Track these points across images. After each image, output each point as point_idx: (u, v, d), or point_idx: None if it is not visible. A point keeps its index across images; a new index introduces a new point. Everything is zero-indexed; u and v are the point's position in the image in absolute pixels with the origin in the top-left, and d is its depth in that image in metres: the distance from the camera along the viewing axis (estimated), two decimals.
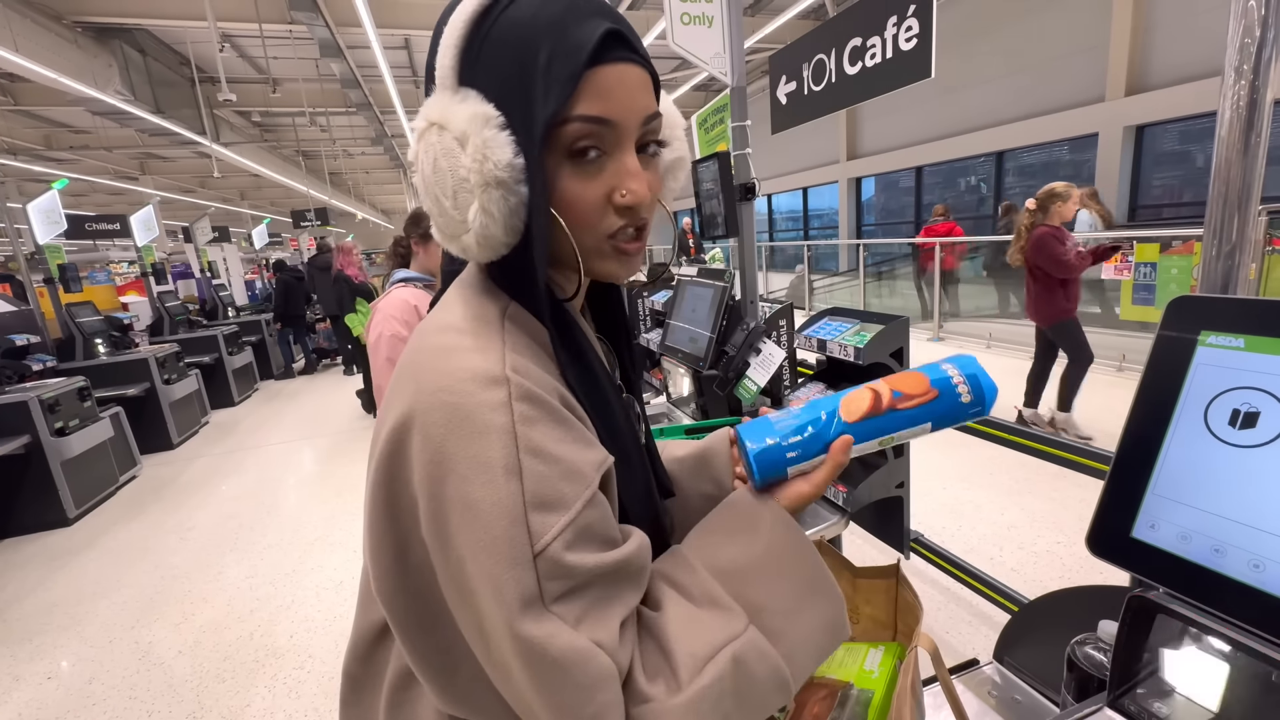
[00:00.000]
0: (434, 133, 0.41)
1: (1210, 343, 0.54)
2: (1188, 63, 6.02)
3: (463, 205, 0.41)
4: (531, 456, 0.38)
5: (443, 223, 0.43)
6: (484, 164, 0.39)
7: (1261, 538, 0.47)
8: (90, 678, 2.18)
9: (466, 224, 0.41)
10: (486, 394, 0.39)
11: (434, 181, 0.42)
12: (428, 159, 0.42)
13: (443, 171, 0.41)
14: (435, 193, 0.42)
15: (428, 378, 0.41)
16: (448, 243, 0.44)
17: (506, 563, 0.37)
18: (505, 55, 0.40)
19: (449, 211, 0.42)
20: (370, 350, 1.72)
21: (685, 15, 1.74)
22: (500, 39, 0.40)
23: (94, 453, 3.76)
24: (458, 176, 0.40)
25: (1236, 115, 0.71)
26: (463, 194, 0.41)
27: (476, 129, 0.39)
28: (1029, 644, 0.91)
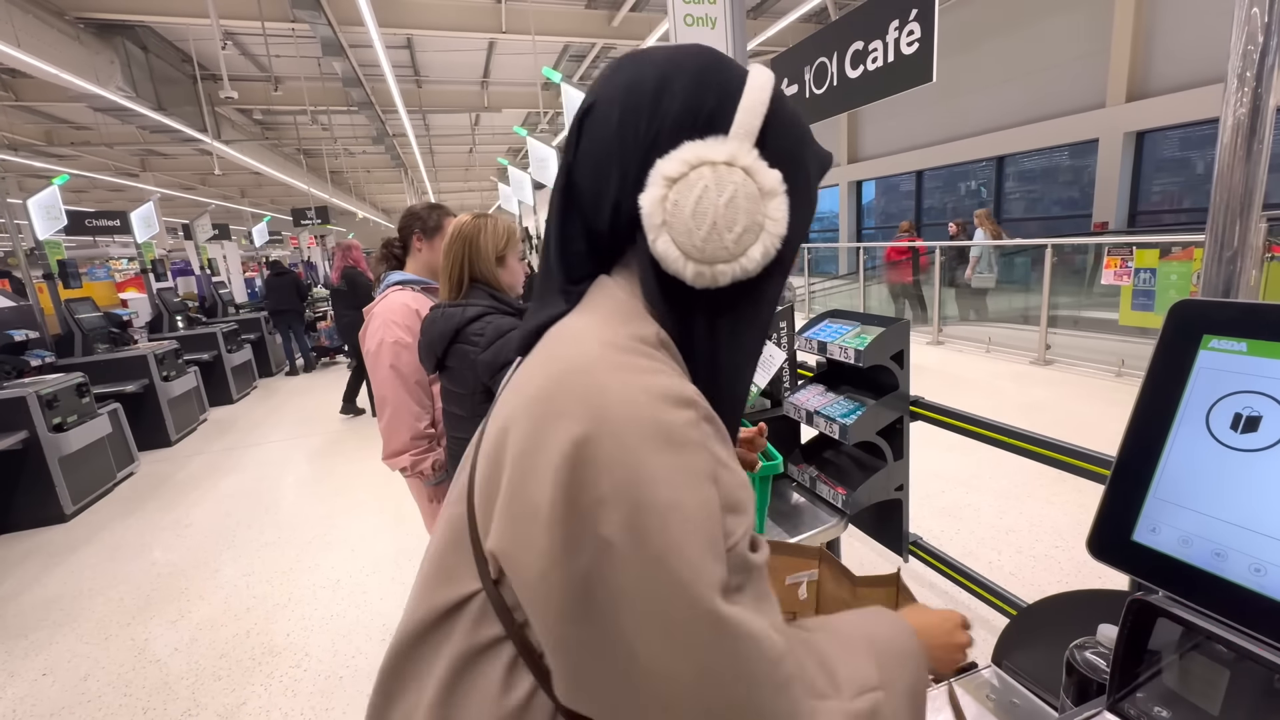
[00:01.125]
0: (739, 174, 0.47)
1: (1212, 347, 0.54)
2: (1188, 69, 6.04)
3: (744, 243, 0.47)
4: (721, 468, 0.44)
5: (704, 247, 0.46)
6: (778, 223, 0.48)
7: (1263, 542, 0.47)
8: (85, 674, 2.17)
9: (734, 256, 0.47)
10: (682, 412, 0.43)
11: (723, 212, 0.46)
12: (723, 190, 0.46)
13: (738, 209, 0.46)
14: (717, 220, 0.46)
15: (615, 394, 0.43)
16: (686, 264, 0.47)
17: (711, 556, 0.41)
18: (789, 139, 0.50)
19: (724, 240, 0.46)
20: (370, 358, 1.62)
21: (689, 17, 1.74)
22: (784, 123, 0.50)
23: (92, 449, 3.75)
24: (753, 219, 0.47)
25: (1239, 122, 0.71)
26: (749, 234, 0.47)
27: (780, 192, 0.48)
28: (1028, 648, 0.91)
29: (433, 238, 1.75)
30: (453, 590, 0.49)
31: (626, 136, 0.47)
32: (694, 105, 0.48)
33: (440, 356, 1.40)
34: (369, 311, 1.68)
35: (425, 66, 10.01)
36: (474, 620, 0.48)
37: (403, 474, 1.66)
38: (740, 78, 0.49)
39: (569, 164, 0.51)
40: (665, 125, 0.47)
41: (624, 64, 0.51)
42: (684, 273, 0.47)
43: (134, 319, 5.49)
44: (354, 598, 2.51)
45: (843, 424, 1.56)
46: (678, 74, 0.48)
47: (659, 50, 0.51)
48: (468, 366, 1.36)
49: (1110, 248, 4.80)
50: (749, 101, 0.48)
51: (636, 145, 0.47)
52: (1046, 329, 5.39)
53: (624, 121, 0.48)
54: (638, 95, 0.48)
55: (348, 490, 3.69)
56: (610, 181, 0.48)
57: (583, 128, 0.50)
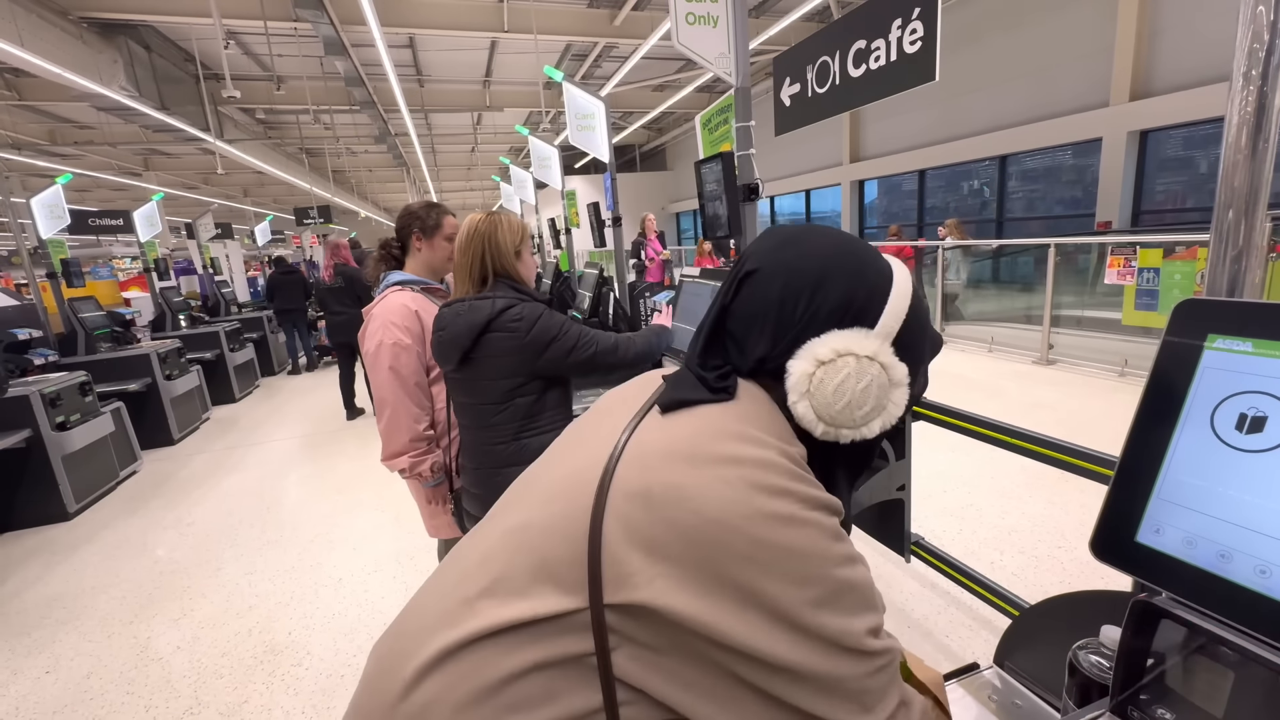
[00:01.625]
0: (876, 367, 0.55)
1: (1217, 346, 0.53)
2: (1192, 68, 6.01)
3: (868, 419, 0.56)
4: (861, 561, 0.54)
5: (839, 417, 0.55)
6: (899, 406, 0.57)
7: (1269, 543, 0.47)
8: (88, 672, 2.18)
9: (855, 426, 0.56)
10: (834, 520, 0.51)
11: (858, 395, 0.54)
12: (862, 379, 0.54)
13: (870, 393, 0.55)
14: (852, 400, 0.54)
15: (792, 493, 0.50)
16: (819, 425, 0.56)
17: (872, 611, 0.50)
18: (916, 336, 0.59)
19: (854, 414, 0.55)
20: (369, 360, 1.62)
21: (690, 15, 1.74)
22: (916, 325, 0.58)
23: (95, 447, 3.76)
24: (880, 402, 0.56)
25: (1244, 120, 0.71)
26: (874, 413, 0.56)
27: (905, 384, 0.57)
28: (1030, 648, 0.90)
29: (432, 237, 1.74)
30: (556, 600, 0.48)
31: (786, 310, 0.56)
32: (848, 299, 0.57)
33: (468, 348, 1.40)
34: (368, 312, 1.67)
35: (427, 66, 10.02)
36: (569, 634, 0.48)
37: (401, 475, 1.66)
38: (887, 280, 0.58)
39: (724, 306, 0.60)
40: (822, 312, 0.56)
41: (789, 241, 0.59)
42: (813, 430, 0.56)
43: (137, 318, 5.51)
44: (356, 596, 2.52)
45: None
46: (840, 270, 0.57)
47: (823, 240, 0.59)
48: (501, 354, 1.38)
49: (1113, 247, 4.78)
50: (894, 307, 0.57)
51: (793, 321, 0.56)
52: (1049, 329, 5.37)
53: (785, 298, 0.56)
54: (801, 279, 0.57)
55: (350, 489, 3.69)
56: (761, 340, 0.57)
57: (743, 284, 0.59)
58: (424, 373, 1.65)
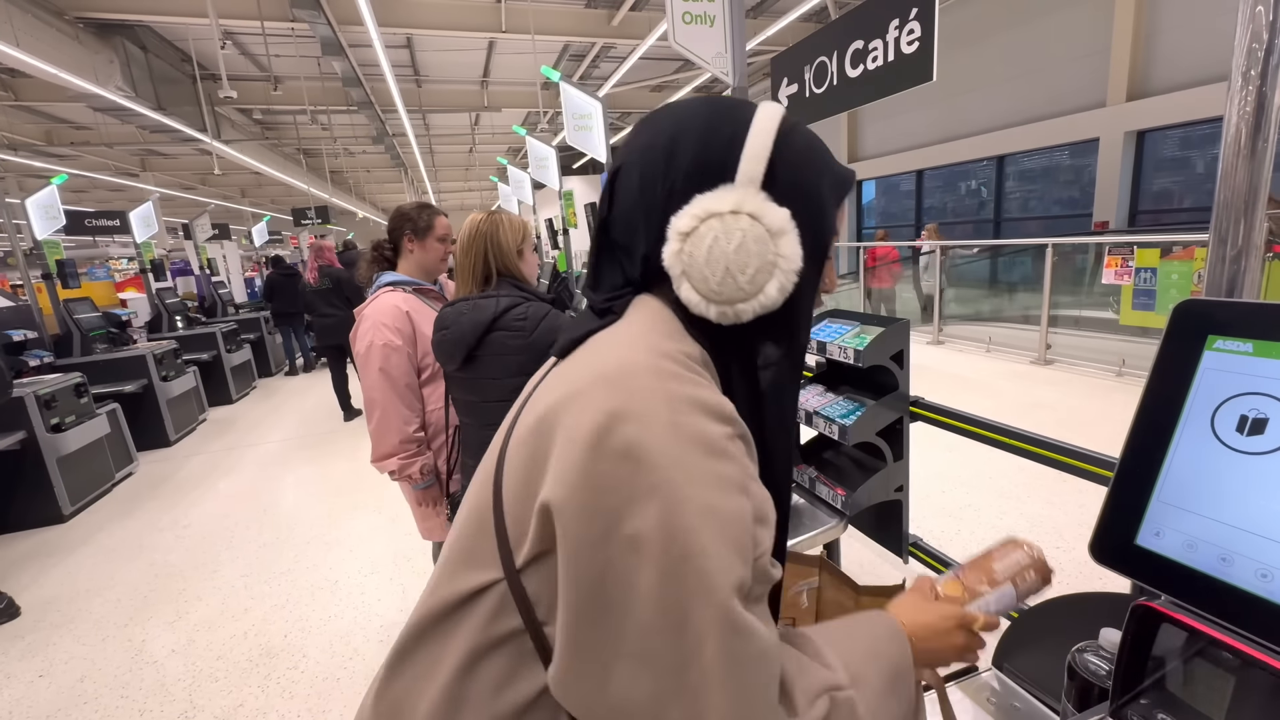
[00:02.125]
0: (745, 219, 0.49)
1: (1218, 347, 0.53)
2: (1189, 68, 6.03)
3: (759, 282, 0.50)
4: (752, 482, 0.46)
5: (720, 289, 0.50)
6: (790, 258, 0.50)
7: (1270, 547, 0.46)
8: (82, 676, 2.17)
9: (750, 296, 0.50)
10: (719, 426, 0.46)
11: (734, 258, 0.49)
12: (731, 237, 0.49)
13: (749, 252, 0.49)
14: (729, 265, 0.49)
15: (664, 399, 0.45)
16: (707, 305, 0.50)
17: (741, 561, 0.43)
18: (799, 173, 0.52)
19: (739, 283, 0.49)
20: (360, 360, 1.61)
21: (687, 14, 1.73)
22: (794, 159, 0.51)
23: (90, 449, 3.74)
24: (764, 259, 0.49)
25: (1243, 120, 0.70)
26: (763, 274, 0.49)
27: (790, 229, 0.50)
28: (1029, 651, 0.90)
29: (424, 238, 1.74)
30: (474, 576, 0.49)
31: (647, 197, 0.52)
32: (702, 160, 0.51)
33: (472, 346, 1.40)
34: (360, 313, 1.67)
35: (425, 66, 10.00)
36: (493, 610, 0.48)
37: (391, 477, 1.65)
38: (745, 124, 0.51)
39: (604, 219, 0.56)
40: (677, 183, 0.51)
41: (643, 125, 0.55)
42: (708, 314, 0.51)
43: (133, 319, 5.48)
44: (352, 599, 2.50)
45: (842, 424, 1.55)
46: (686, 132, 0.51)
47: (673, 108, 0.54)
48: (506, 352, 1.39)
49: (1111, 247, 4.79)
50: (752, 148, 0.50)
51: (655, 204, 0.51)
52: (1047, 329, 5.38)
53: (643, 183, 0.52)
54: (653, 156, 0.52)
55: (346, 491, 3.68)
56: (639, 238, 0.53)
57: (614, 189, 0.55)
58: (415, 374, 1.64)
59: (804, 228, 0.51)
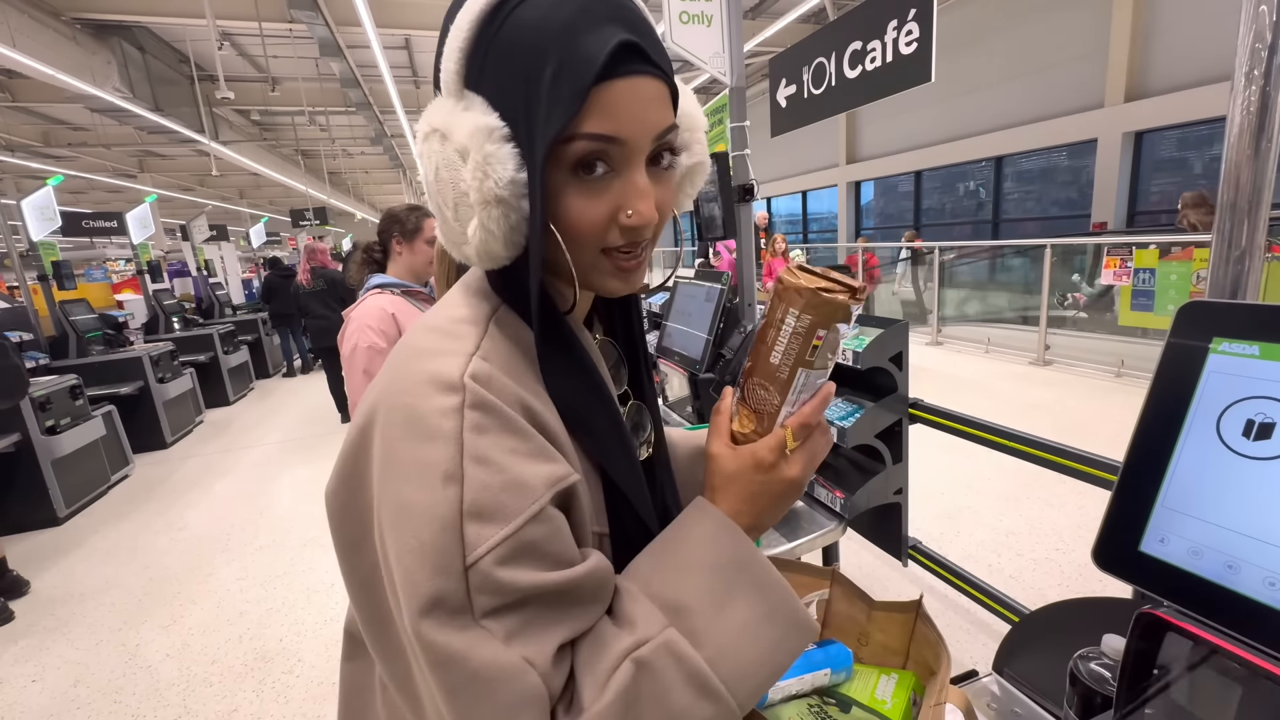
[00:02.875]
0: (436, 140, 0.40)
1: (1223, 350, 0.52)
2: (1187, 69, 6.04)
3: (463, 219, 0.41)
4: (476, 465, 0.37)
5: (445, 230, 0.43)
6: (484, 181, 0.38)
7: (1277, 554, 0.45)
8: (75, 680, 2.15)
9: (466, 236, 0.41)
10: (440, 399, 0.38)
11: (436, 190, 0.41)
12: (429, 167, 0.41)
13: (444, 182, 0.40)
14: (438, 201, 0.42)
15: (395, 376, 0.42)
16: (450, 249, 0.44)
17: (430, 569, 0.36)
18: (511, 63, 0.38)
19: (450, 222, 0.42)
20: (345, 363, 1.61)
21: (684, 14, 1.72)
22: (507, 44, 0.38)
23: (85, 451, 3.72)
24: (458, 190, 0.39)
25: (1247, 120, 0.70)
26: (463, 208, 0.40)
27: (478, 143, 0.38)
28: (1030, 656, 0.89)
29: (412, 240, 1.73)
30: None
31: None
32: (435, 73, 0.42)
33: None
34: (347, 315, 1.66)
35: (423, 67, 9.99)
36: None
37: None
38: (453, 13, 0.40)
39: None
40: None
41: None
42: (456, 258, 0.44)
43: (129, 320, 5.46)
44: (348, 602, 2.49)
45: (841, 426, 1.54)
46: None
47: None
48: None
49: (1109, 248, 4.79)
50: (449, 44, 0.39)
51: None
52: (1046, 329, 5.38)
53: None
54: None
55: None
56: None
57: None
58: None
59: (520, 137, 0.39)
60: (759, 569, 0.44)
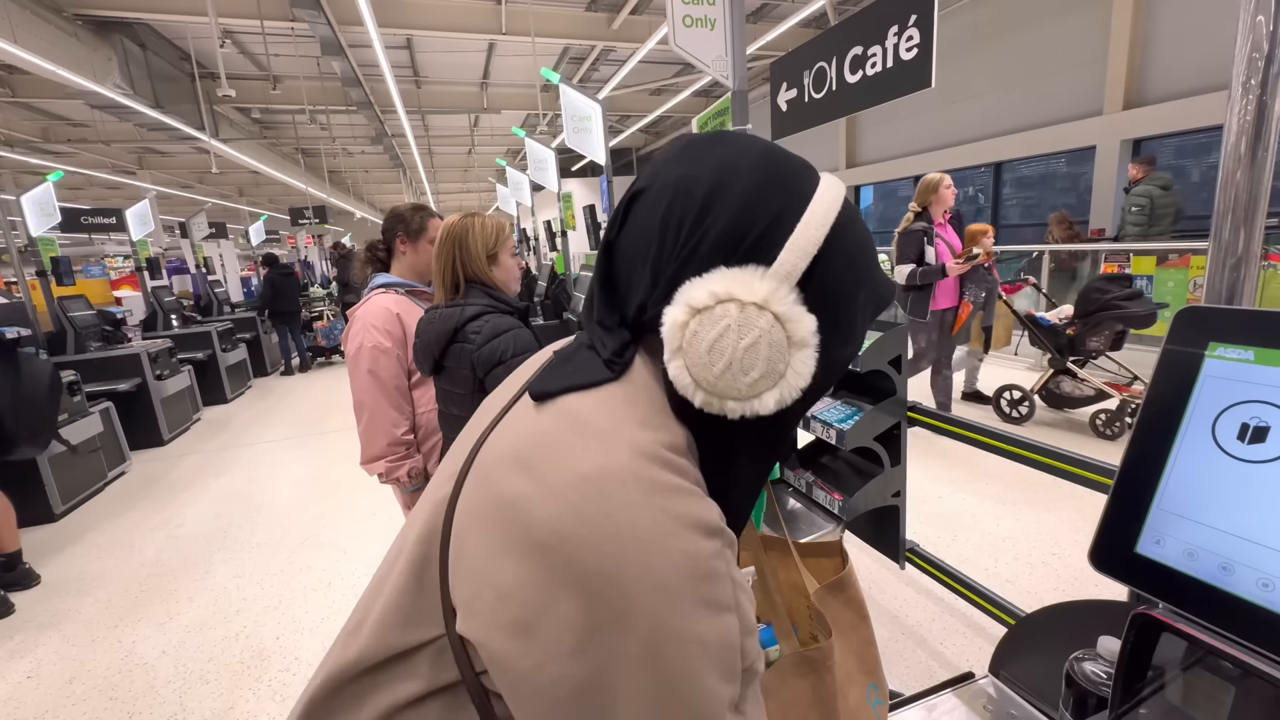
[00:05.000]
0: (767, 318, 0.41)
1: (1219, 355, 0.53)
2: (1185, 78, 6.07)
3: (758, 388, 0.43)
4: (741, 593, 0.42)
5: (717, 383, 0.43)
6: (801, 375, 0.43)
7: (1271, 556, 0.46)
8: (70, 677, 2.14)
9: (743, 398, 0.43)
10: (710, 542, 0.41)
11: (740, 355, 0.41)
12: (745, 334, 0.41)
13: (758, 355, 0.42)
14: (733, 361, 0.42)
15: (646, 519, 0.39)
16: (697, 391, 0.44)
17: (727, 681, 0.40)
18: (838, 281, 0.44)
19: (738, 382, 0.42)
20: (349, 362, 1.61)
21: (688, 18, 1.73)
22: (839, 265, 0.44)
23: (82, 448, 3.71)
24: (773, 367, 0.42)
25: (1244, 128, 0.70)
26: (765, 381, 0.42)
27: (811, 345, 0.43)
28: (1026, 658, 0.90)
29: (416, 240, 1.72)
30: (412, 634, 0.45)
31: (666, 240, 0.44)
32: (741, 226, 0.43)
33: (438, 357, 1.39)
34: (352, 314, 1.66)
35: (425, 67, 10.00)
36: (430, 661, 0.45)
37: (379, 480, 1.65)
38: (803, 200, 0.43)
39: (610, 242, 0.48)
40: (705, 242, 0.43)
41: (685, 152, 0.47)
42: (692, 399, 0.44)
43: (128, 317, 5.45)
44: (346, 600, 2.49)
45: (840, 429, 1.55)
46: (733, 184, 0.43)
47: (726, 143, 0.46)
48: (466, 366, 1.36)
49: (1107, 254, 4.81)
50: (801, 238, 0.42)
51: (673, 253, 0.43)
52: None
53: (665, 224, 0.44)
54: (686, 197, 0.43)
55: (341, 491, 3.66)
56: (640, 280, 0.45)
57: (630, 209, 0.47)
58: (404, 377, 1.64)
59: (825, 341, 0.43)
60: None
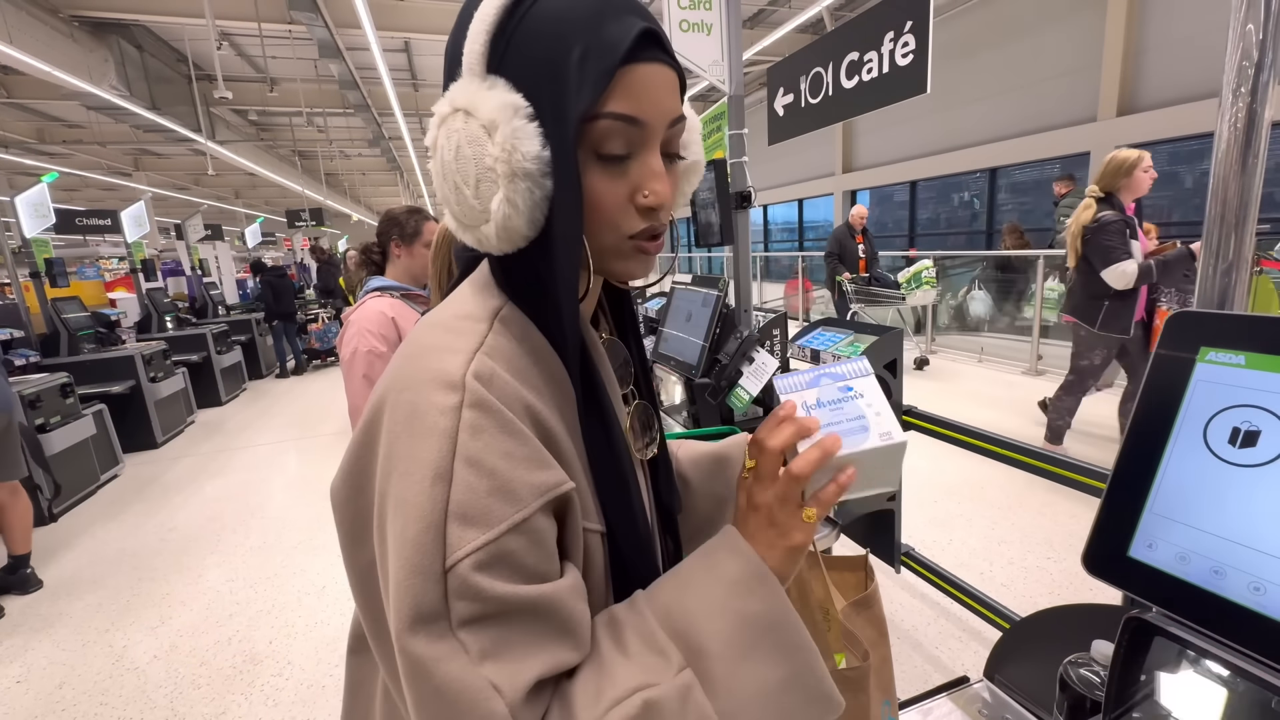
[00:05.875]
0: (459, 118, 0.40)
1: (1210, 359, 0.53)
2: (1177, 86, 6.12)
3: (485, 195, 0.40)
4: (466, 466, 0.37)
5: (461, 211, 0.42)
6: (512, 154, 0.39)
7: (1262, 560, 0.46)
8: (60, 682, 2.12)
9: (488, 214, 0.41)
10: (440, 396, 0.39)
11: (455, 169, 0.41)
12: (450, 145, 0.41)
13: (466, 159, 0.40)
14: (456, 180, 0.41)
15: (400, 372, 0.42)
16: (464, 232, 0.44)
17: (410, 568, 0.36)
18: (539, 46, 0.40)
19: (469, 200, 0.41)
20: (344, 366, 1.60)
21: (684, 22, 1.74)
22: (534, 29, 0.40)
23: (75, 450, 3.69)
24: (483, 165, 0.40)
25: (1234, 135, 0.71)
26: (486, 183, 0.40)
27: (506, 118, 0.39)
28: (1020, 662, 0.90)
29: (411, 243, 1.72)
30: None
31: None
32: (448, 51, 0.43)
33: None
34: (346, 317, 1.65)
35: (422, 70, 10.01)
36: None
37: None
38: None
39: None
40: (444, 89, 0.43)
41: None
42: (468, 242, 0.44)
43: (122, 319, 5.42)
44: (339, 604, 2.47)
45: None
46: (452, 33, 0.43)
47: None
48: None
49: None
50: (474, 27, 0.40)
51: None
52: (1039, 339, 5.42)
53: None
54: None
55: None
56: None
57: None
58: None
59: (545, 116, 0.39)
60: (789, 631, 0.42)
